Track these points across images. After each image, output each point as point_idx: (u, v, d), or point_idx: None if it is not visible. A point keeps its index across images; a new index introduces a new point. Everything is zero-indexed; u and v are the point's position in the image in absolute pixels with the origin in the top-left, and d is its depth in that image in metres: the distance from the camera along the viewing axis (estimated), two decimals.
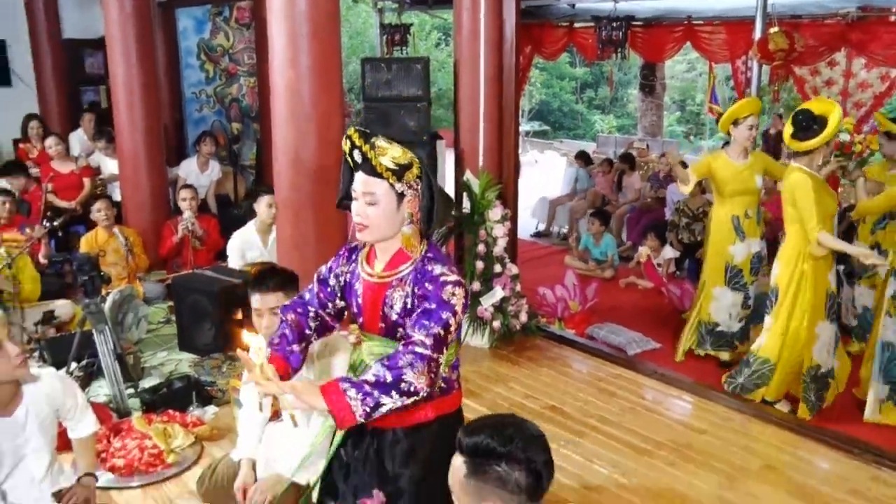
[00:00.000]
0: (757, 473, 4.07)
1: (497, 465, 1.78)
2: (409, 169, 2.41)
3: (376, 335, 2.55)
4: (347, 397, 2.17)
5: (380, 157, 2.37)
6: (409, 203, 2.44)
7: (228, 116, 9.86)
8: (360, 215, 2.43)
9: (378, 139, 2.41)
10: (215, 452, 4.12)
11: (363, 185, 2.42)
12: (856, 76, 8.96)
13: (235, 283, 5.31)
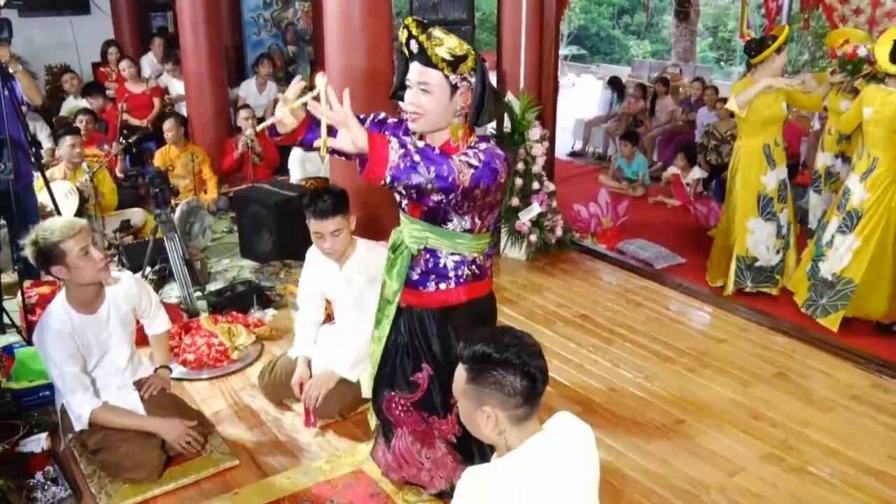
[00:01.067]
0: (768, 380, 4.07)
1: (494, 370, 1.78)
2: (463, 60, 2.32)
3: (418, 219, 2.53)
4: (390, 147, 2.07)
5: (436, 48, 2.29)
6: (461, 96, 2.36)
7: (284, 39, 9.75)
8: (414, 104, 2.35)
9: (435, 29, 2.33)
10: (274, 350, 4.21)
11: (418, 75, 2.33)
12: (883, 5, 8.56)
13: (291, 196, 5.35)
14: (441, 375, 2.64)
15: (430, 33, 2.30)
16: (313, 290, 3.60)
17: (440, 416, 2.75)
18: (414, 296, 2.65)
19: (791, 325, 4.69)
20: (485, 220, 2.49)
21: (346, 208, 3.32)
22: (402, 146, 2.09)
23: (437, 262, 2.56)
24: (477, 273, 2.59)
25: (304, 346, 3.58)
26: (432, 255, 2.56)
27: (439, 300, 2.60)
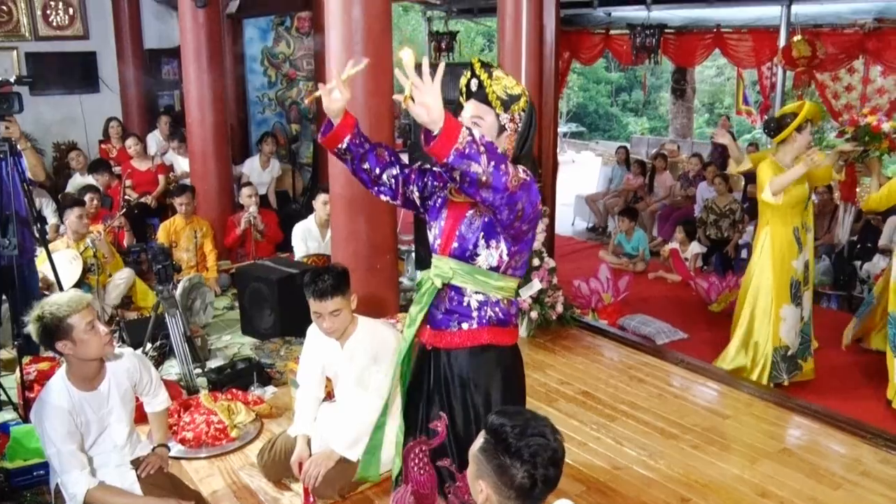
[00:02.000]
0: (775, 456, 4.01)
1: (503, 454, 1.74)
2: (517, 100, 2.44)
3: (447, 257, 2.53)
4: (462, 130, 2.10)
5: (494, 85, 2.41)
6: (507, 138, 2.47)
7: (288, 118, 9.95)
8: None
9: (496, 69, 2.45)
10: (274, 429, 4.17)
11: (474, 109, 2.44)
12: (873, 82, 8.78)
13: (293, 273, 5.36)
14: (455, 426, 2.59)
15: (491, 72, 2.44)
16: (314, 367, 3.59)
17: (457, 464, 2.62)
18: (437, 337, 2.60)
19: (796, 401, 4.64)
20: (512, 259, 2.48)
21: (347, 288, 3.32)
22: (471, 134, 2.13)
23: (462, 301, 2.54)
24: (501, 318, 2.56)
25: (303, 424, 3.55)
26: (457, 292, 2.54)
27: (461, 341, 2.55)
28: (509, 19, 6.00)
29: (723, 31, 9.75)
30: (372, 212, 4.79)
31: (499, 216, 2.33)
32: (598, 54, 11.86)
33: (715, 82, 21.45)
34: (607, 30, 11.11)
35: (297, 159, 9.59)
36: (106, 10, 9.42)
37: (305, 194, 8.92)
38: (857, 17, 8.34)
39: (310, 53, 9.57)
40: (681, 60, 11.32)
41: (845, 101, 8.96)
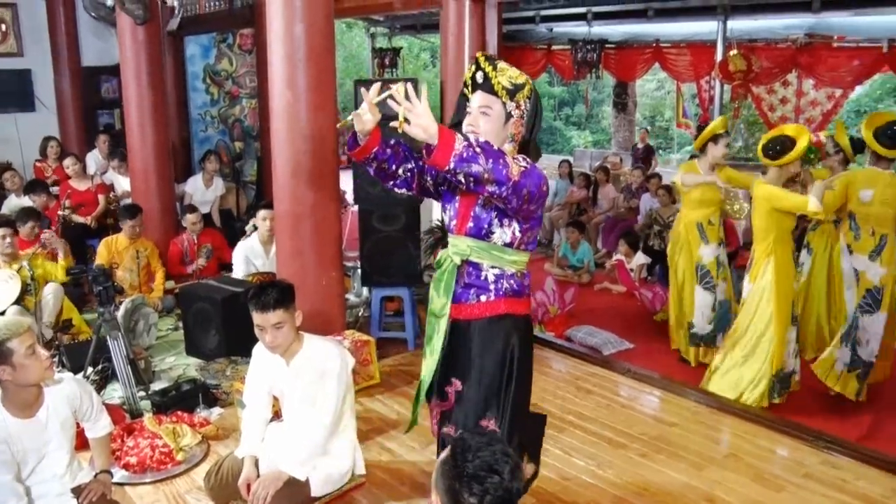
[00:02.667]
0: (721, 462, 4.08)
1: (457, 480, 1.72)
2: (521, 89, 2.66)
3: (464, 235, 2.76)
4: (456, 138, 2.33)
5: (499, 77, 2.63)
6: (513, 124, 2.69)
7: (231, 136, 9.85)
8: (473, 124, 2.66)
9: (500, 62, 2.67)
10: (221, 450, 4.10)
11: (481, 100, 2.66)
12: (806, 95, 9.08)
13: (237, 292, 5.30)
14: (468, 390, 2.81)
15: (496, 65, 2.66)
16: (260, 387, 3.54)
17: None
18: (457, 309, 2.83)
19: (740, 407, 4.73)
20: (524, 235, 2.73)
21: (290, 302, 3.30)
22: (465, 139, 2.36)
23: (479, 275, 2.78)
24: (516, 289, 2.80)
25: (251, 444, 3.49)
26: (475, 268, 2.78)
27: (481, 311, 2.79)
28: (452, 35, 6.06)
29: (662, 46, 9.96)
30: (317, 229, 4.78)
31: (509, 205, 2.53)
32: (540, 69, 12.02)
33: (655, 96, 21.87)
34: (549, 45, 11.27)
35: (241, 177, 9.50)
36: (41, 27, 9.25)
37: (250, 212, 8.83)
38: (789, 32, 8.62)
39: (252, 70, 9.49)
40: (622, 75, 11.54)
41: (780, 112, 9.24)
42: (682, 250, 5.55)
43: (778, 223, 4.67)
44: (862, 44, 8.19)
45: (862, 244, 4.82)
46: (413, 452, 4.17)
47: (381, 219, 5.66)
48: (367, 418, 4.56)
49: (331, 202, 4.86)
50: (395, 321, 6.08)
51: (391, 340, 5.83)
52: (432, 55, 22.25)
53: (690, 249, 5.48)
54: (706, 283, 5.43)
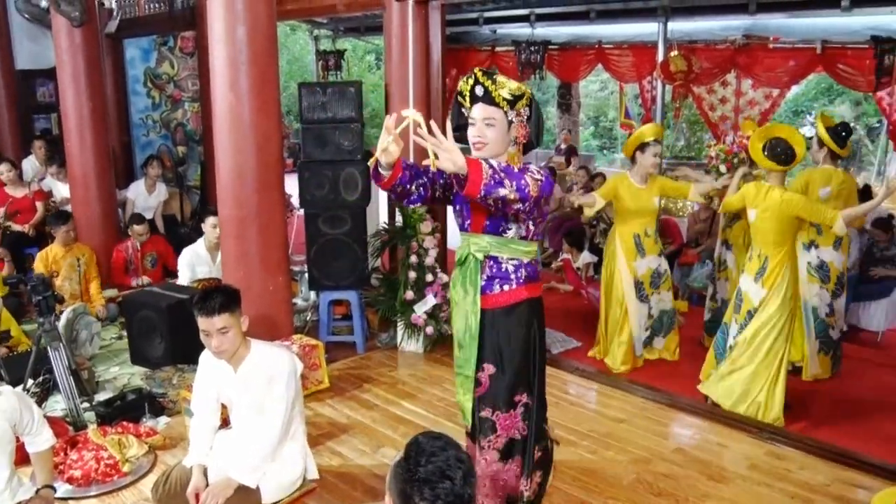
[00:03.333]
0: (669, 456, 4.16)
1: (408, 483, 1.71)
2: (520, 99, 2.90)
3: (480, 234, 3.02)
4: (482, 167, 2.59)
5: (499, 90, 2.87)
6: (515, 129, 2.93)
7: (174, 140, 9.68)
8: (479, 135, 2.92)
9: (498, 76, 2.91)
10: (168, 460, 4.03)
11: (483, 112, 2.90)
12: (745, 94, 9.29)
13: (183, 299, 5.22)
14: (500, 372, 3.07)
15: (494, 79, 2.89)
16: (208, 394, 3.50)
17: (503, 412, 3.08)
18: (483, 300, 3.07)
19: (687, 402, 4.83)
20: (537, 228, 3.04)
21: (236, 306, 3.27)
22: (490, 167, 2.62)
23: (500, 267, 3.05)
24: (531, 275, 3.10)
25: (199, 453, 3.44)
26: (495, 261, 3.05)
27: (504, 300, 3.06)
28: (396, 38, 6.05)
29: (604, 47, 10.08)
30: (262, 233, 4.73)
31: (530, 215, 2.92)
32: None
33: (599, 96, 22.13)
34: (493, 47, 11.32)
35: (185, 182, 9.35)
36: None
37: (194, 217, 8.70)
38: (727, 33, 8.80)
39: (195, 74, 9.34)
40: (565, 76, 11.64)
41: (720, 112, 9.43)
42: (616, 266, 5.52)
43: (795, 230, 4.63)
44: (797, 45, 8.41)
45: (826, 237, 5.22)
46: (364, 456, 4.16)
47: (328, 222, 5.64)
48: (317, 423, 4.53)
49: (276, 206, 4.82)
50: (344, 325, 6.06)
51: (340, 344, 5.81)
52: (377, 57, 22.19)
53: (628, 263, 5.47)
54: (641, 296, 5.51)
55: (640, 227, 5.45)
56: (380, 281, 6.11)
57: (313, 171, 5.59)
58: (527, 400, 3.10)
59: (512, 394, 3.07)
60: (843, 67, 8.14)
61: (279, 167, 4.83)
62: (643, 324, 5.56)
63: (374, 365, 5.56)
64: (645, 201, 5.42)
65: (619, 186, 5.47)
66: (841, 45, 8.07)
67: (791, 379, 4.86)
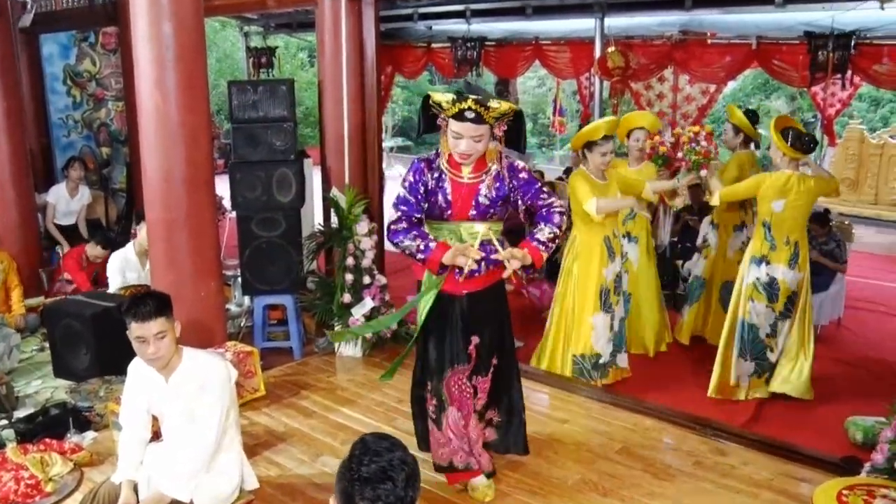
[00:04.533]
0: (614, 456, 4.21)
1: (351, 483, 1.70)
2: (507, 115, 3.33)
3: (466, 220, 3.49)
4: (541, 252, 3.44)
5: (491, 113, 3.26)
6: (496, 129, 3.37)
7: (98, 141, 9.43)
8: (469, 150, 3.35)
9: (492, 102, 3.25)
10: (96, 477, 3.92)
11: (473, 131, 3.29)
12: (682, 90, 9.49)
13: (109, 307, 5.08)
14: (484, 340, 3.63)
15: (488, 107, 3.24)
16: (138, 406, 3.41)
17: (483, 376, 3.68)
18: (470, 283, 3.50)
19: (631, 400, 4.90)
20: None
21: (170, 311, 3.20)
22: (544, 247, 3.46)
23: (487, 250, 3.45)
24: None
25: (128, 468, 3.35)
26: (488, 243, 3.46)
27: (492, 279, 3.57)
28: (328, 34, 6.01)
29: (541, 43, 10.17)
30: (193, 237, 4.65)
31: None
32: (421, 68, 12.05)
33: (537, 93, 22.33)
34: (429, 43, 11.32)
35: (110, 185, 9.12)
36: None
37: (121, 222, 8.50)
38: (664, 29, 8.96)
39: (118, 71, 9.11)
40: (502, 72, 11.71)
41: (658, 108, 9.60)
42: (582, 273, 5.20)
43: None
44: (732, 41, 8.62)
45: (779, 253, 4.95)
46: (303, 465, 4.12)
47: (261, 224, 5.57)
48: (254, 432, 4.47)
49: (206, 208, 4.74)
50: (280, 330, 6.00)
51: (276, 350, 5.75)
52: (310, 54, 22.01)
53: (591, 272, 5.16)
54: (606, 306, 5.19)
55: (610, 229, 5.16)
56: (316, 284, 6.05)
57: (245, 172, 5.52)
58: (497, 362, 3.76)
59: (490, 356, 3.70)
60: (778, 63, 8.37)
61: (209, 168, 4.76)
62: (608, 338, 5.23)
63: (311, 371, 5.50)
64: (613, 188, 5.17)
65: (583, 179, 5.06)
66: (775, 40, 8.31)
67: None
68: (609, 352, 5.26)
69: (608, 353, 5.25)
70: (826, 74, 7.76)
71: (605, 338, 5.22)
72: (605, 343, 5.22)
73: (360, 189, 6.03)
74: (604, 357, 5.23)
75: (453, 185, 3.47)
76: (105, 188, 8.90)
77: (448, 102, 3.28)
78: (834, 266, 6.54)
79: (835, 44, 7.61)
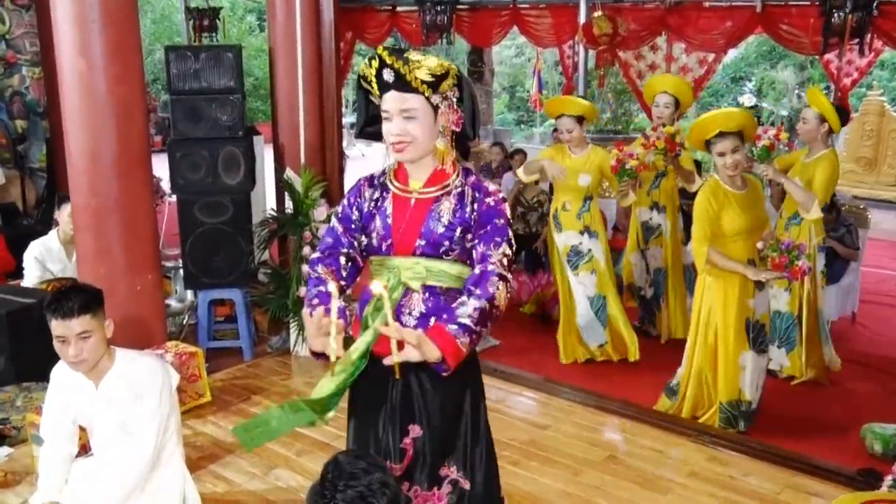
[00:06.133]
0: (600, 465, 4.24)
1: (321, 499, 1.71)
2: (444, 79, 2.54)
3: (409, 256, 2.64)
4: (458, 343, 2.38)
5: (415, 72, 2.48)
6: (443, 115, 2.58)
7: (10, 113, 9.24)
8: (401, 133, 2.54)
9: (411, 53, 2.53)
10: (11, 501, 3.89)
11: (399, 103, 2.53)
12: (677, 60, 9.53)
13: (29, 303, 5.02)
14: (433, 435, 2.72)
15: (406, 58, 2.50)
16: (63, 416, 3.37)
17: (423, 488, 2.76)
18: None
19: (618, 403, 4.94)
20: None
21: (99, 308, 3.16)
22: (465, 331, 2.40)
23: (438, 302, 2.65)
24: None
25: (51, 488, 3.32)
26: (431, 292, 2.66)
27: None
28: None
29: (519, 7, 10.17)
30: (126, 224, 4.62)
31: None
32: (385, 34, 11.99)
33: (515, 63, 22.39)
34: (394, 7, 11.29)
35: (27, 163, 8.97)
36: None
37: (40, 206, 8.39)
38: None
39: (33, 31, 8.95)
40: (476, 40, 11.71)
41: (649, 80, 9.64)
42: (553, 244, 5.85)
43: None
44: (734, 3, 8.64)
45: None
46: (255, 480, 4.10)
47: (206, 210, 5.54)
48: (198, 444, 4.46)
49: (142, 192, 4.70)
50: (228, 328, 5.98)
51: (223, 350, 5.74)
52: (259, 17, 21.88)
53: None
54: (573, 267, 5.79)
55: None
56: (268, 276, 6.03)
57: (186, 151, 5.48)
58: (456, 478, 2.81)
59: (440, 463, 2.79)
60: (786, 28, 8.36)
61: (144, 146, 4.71)
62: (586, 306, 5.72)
63: (263, 373, 5.50)
64: (570, 174, 5.58)
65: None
66: (783, 2, 8.32)
67: None
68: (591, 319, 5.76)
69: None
70: (842, 40, 7.65)
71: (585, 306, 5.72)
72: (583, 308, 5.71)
73: (318, 170, 6.01)
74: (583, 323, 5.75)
75: (395, 204, 2.68)
76: (21, 167, 8.75)
77: (365, 66, 2.60)
78: (845, 252, 6.53)
79: (854, 4, 7.43)
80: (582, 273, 5.67)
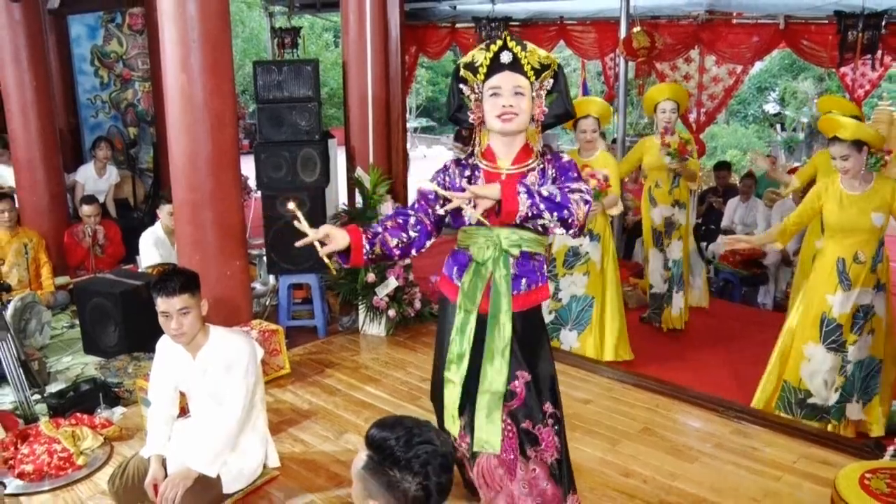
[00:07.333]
0: (636, 436, 4.22)
1: (392, 469, 1.65)
2: (546, 69, 2.78)
3: (506, 227, 2.78)
4: (519, 198, 2.55)
5: (529, 57, 2.74)
6: (535, 105, 2.80)
7: (125, 121, 9.50)
8: (513, 104, 2.74)
9: (527, 43, 2.77)
10: (125, 452, 3.99)
11: (512, 80, 2.75)
12: (709, 71, 9.38)
13: (137, 285, 5.15)
14: (536, 379, 2.90)
15: (525, 45, 2.76)
16: (165, 382, 3.46)
17: (540, 424, 2.92)
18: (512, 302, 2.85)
19: (653, 381, 4.90)
20: None
21: (196, 289, 3.25)
22: (529, 196, 2.57)
23: (528, 265, 2.87)
24: (546, 273, 3.05)
25: (157, 443, 3.41)
26: (525, 257, 2.85)
27: (535, 299, 2.91)
28: (353, 14, 6.01)
29: (566, 23, 10.09)
30: (218, 217, 4.70)
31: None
32: (445, 48, 11.99)
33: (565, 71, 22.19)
34: (453, 23, 11.26)
35: (137, 165, 9.19)
36: None
37: (148, 202, 8.58)
38: (691, 8, 8.86)
39: (145, 52, 9.16)
40: None
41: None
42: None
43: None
44: (760, 20, 8.51)
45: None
46: (327, 442, 4.16)
47: (286, 204, 5.59)
48: (278, 409, 4.52)
49: (232, 189, 4.77)
50: (304, 309, 6.04)
51: (300, 328, 5.79)
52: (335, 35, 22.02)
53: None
54: (658, 245, 6.08)
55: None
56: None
57: (270, 152, 5.54)
58: (553, 410, 2.96)
59: (541, 404, 2.93)
60: (807, 43, 8.24)
61: (234, 149, 4.79)
62: (662, 275, 6.03)
63: (335, 349, 5.55)
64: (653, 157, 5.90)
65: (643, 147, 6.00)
66: (804, 20, 8.18)
67: None
68: (664, 289, 6.04)
69: (663, 290, 6.04)
70: (855, 55, 7.60)
71: (659, 273, 6.02)
72: (658, 278, 6.03)
73: (385, 169, 6.05)
74: (655, 289, 6.06)
75: (488, 180, 2.83)
76: (132, 168, 8.98)
77: (480, 51, 2.79)
78: None
79: (865, 23, 7.42)
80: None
